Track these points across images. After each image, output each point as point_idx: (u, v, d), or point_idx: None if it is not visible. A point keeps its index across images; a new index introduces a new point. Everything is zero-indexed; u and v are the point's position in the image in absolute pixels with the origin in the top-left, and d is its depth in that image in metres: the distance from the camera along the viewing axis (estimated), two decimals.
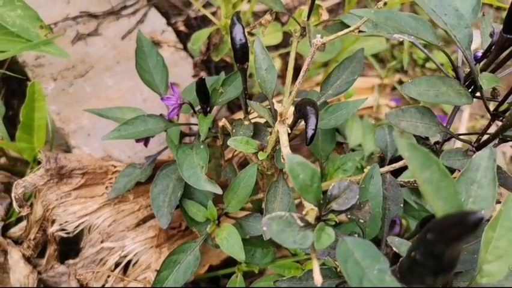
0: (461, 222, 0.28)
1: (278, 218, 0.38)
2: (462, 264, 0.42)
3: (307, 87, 1.23)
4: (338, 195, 0.43)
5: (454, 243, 0.29)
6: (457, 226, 0.28)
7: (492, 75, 0.49)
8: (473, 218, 0.27)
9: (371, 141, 0.85)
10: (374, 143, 0.85)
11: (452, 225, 0.28)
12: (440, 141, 0.52)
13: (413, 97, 0.43)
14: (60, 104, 1.00)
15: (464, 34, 0.46)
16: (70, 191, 0.73)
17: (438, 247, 0.30)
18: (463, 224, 0.28)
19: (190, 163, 0.65)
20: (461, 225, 0.28)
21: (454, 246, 0.30)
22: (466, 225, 0.28)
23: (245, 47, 0.63)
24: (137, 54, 0.79)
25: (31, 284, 0.80)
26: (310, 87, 1.19)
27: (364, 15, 0.47)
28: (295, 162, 0.39)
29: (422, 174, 0.36)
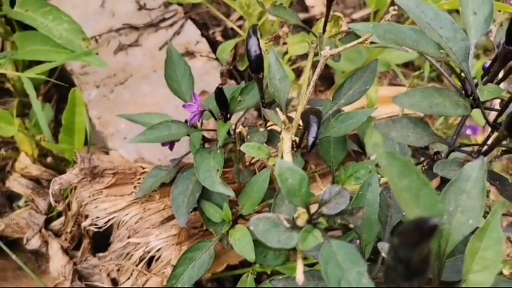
0: (418, 228, 0.29)
1: (265, 219, 0.41)
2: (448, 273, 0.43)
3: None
4: (329, 200, 0.45)
5: (414, 248, 0.31)
6: (414, 232, 0.30)
7: (495, 87, 0.49)
8: (428, 224, 0.29)
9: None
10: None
11: (410, 231, 0.30)
12: (441, 151, 0.53)
13: (406, 108, 0.44)
14: (101, 109, 1.09)
15: (460, 46, 0.46)
16: (102, 189, 0.80)
17: (402, 252, 0.32)
18: (419, 229, 0.29)
19: (207, 166, 0.69)
20: (417, 231, 0.29)
21: (417, 251, 0.31)
22: (422, 231, 0.29)
23: (259, 58, 0.66)
24: (166, 64, 0.85)
25: (67, 273, 0.88)
26: None
27: (363, 29, 0.49)
28: (284, 167, 0.42)
29: (400, 183, 0.37)
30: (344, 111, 0.70)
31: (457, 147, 0.52)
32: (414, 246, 0.30)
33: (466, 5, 0.58)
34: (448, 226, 0.42)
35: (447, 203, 0.42)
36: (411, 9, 0.45)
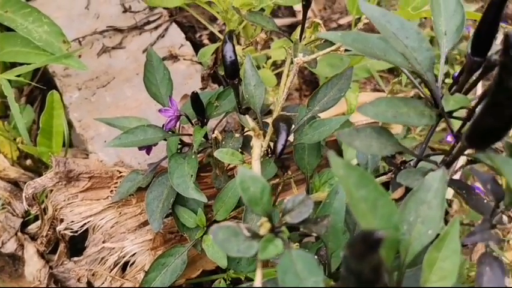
0: (365, 241, 0.29)
1: (225, 228, 0.41)
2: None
3: None
4: (292, 209, 0.45)
5: (363, 260, 0.31)
6: (361, 244, 0.30)
7: (462, 97, 0.50)
8: (374, 237, 0.29)
9: None
10: None
11: (358, 243, 0.30)
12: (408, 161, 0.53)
13: (370, 117, 0.44)
14: (82, 112, 1.08)
15: (426, 57, 0.46)
16: (77, 193, 0.80)
17: (352, 263, 0.32)
18: (366, 242, 0.29)
19: (181, 172, 0.69)
20: (364, 244, 0.29)
21: (366, 263, 0.31)
22: (368, 244, 0.29)
23: (234, 64, 0.66)
24: (146, 68, 0.85)
25: (42, 277, 0.87)
26: None
27: (331, 37, 0.49)
28: (246, 175, 0.42)
29: (357, 193, 0.37)
30: (319, 117, 0.71)
31: (423, 157, 0.52)
32: (362, 258, 0.30)
33: (438, 15, 0.58)
34: (408, 236, 0.42)
35: (408, 213, 0.43)
36: (377, 19, 0.45)
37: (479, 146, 0.41)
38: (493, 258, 0.43)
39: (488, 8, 0.45)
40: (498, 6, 0.44)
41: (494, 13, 0.45)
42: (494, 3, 0.44)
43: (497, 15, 0.45)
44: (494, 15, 0.45)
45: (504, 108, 0.37)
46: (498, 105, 0.37)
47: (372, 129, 0.45)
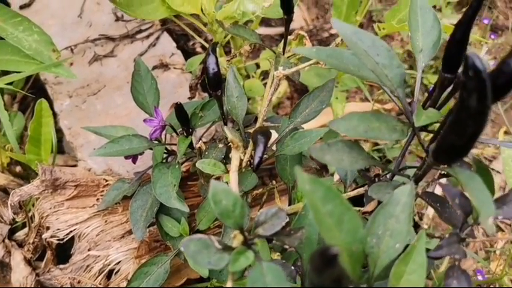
0: (321, 256, 0.30)
1: (197, 240, 0.42)
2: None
3: None
4: (265, 221, 0.46)
5: (322, 274, 0.32)
6: (319, 259, 0.31)
7: (434, 112, 0.51)
8: (329, 252, 0.30)
9: None
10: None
11: (316, 258, 0.31)
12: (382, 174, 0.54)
13: (341, 132, 0.45)
14: (72, 119, 1.09)
15: (396, 73, 0.48)
16: (63, 201, 0.80)
17: (313, 277, 0.33)
18: (322, 257, 0.30)
19: (164, 181, 0.70)
20: (321, 259, 0.30)
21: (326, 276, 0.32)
22: (324, 259, 0.30)
23: (217, 75, 0.67)
24: (133, 78, 0.86)
25: (29, 284, 0.88)
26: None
27: (306, 53, 0.50)
28: (219, 188, 0.43)
29: (323, 208, 0.38)
30: (303, 128, 0.72)
31: (398, 170, 0.53)
32: (321, 272, 0.31)
33: (415, 30, 0.60)
34: (376, 249, 0.43)
35: (376, 226, 0.43)
36: (348, 36, 0.47)
37: (445, 161, 0.42)
38: (460, 271, 0.44)
39: (456, 27, 0.46)
40: (466, 25, 0.46)
41: (462, 32, 0.46)
42: (462, 23, 0.46)
43: (466, 34, 0.46)
44: (463, 34, 0.46)
45: (466, 126, 0.38)
46: (460, 123, 0.38)
47: (343, 143, 0.46)
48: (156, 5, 0.67)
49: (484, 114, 0.37)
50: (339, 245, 0.39)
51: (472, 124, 0.37)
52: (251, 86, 1.03)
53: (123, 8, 0.65)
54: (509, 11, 1.76)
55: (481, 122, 0.37)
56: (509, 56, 0.37)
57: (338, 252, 0.29)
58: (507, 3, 1.78)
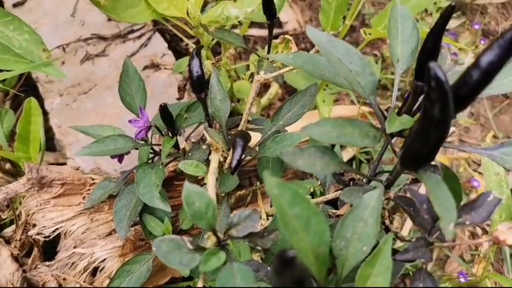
0: (280, 259, 0.31)
1: (169, 241, 0.43)
2: None
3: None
4: (238, 223, 0.47)
5: (283, 275, 0.33)
6: (278, 262, 0.32)
7: (407, 119, 0.52)
8: (287, 255, 0.31)
9: None
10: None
11: (276, 261, 0.32)
12: (357, 178, 0.55)
13: (314, 138, 0.47)
14: (62, 118, 1.10)
15: (368, 81, 0.49)
16: (49, 199, 0.81)
17: (276, 278, 0.34)
18: (280, 260, 0.31)
19: (148, 181, 0.71)
20: (280, 261, 0.32)
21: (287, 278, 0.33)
22: (283, 262, 0.31)
23: (201, 78, 0.68)
24: (121, 78, 0.86)
25: (15, 280, 0.89)
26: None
27: (282, 59, 0.52)
28: (192, 191, 0.44)
29: (291, 211, 0.39)
30: (286, 131, 0.73)
31: (373, 175, 0.54)
32: (280, 274, 0.33)
33: (394, 37, 0.61)
34: (345, 252, 0.44)
35: (345, 229, 0.45)
36: (323, 44, 0.48)
37: (411, 168, 0.43)
38: (426, 274, 0.46)
39: (428, 37, 0.47)
40: (437, 35, 0.47)
41: (433, 41, 0.47)
42: (433, 33, 0.47)
43: (437, 43, 0.47)
44: (434, 44, 0.47)
45: (429, 134, 0.39)
46: (424, 131, 0.39)
47: (316, 148, 0.47)
48: (141, 8, 0.68)
49: (446, 123, 0.38)
50: (305, 247, 0.40)
51: (435, 132, 0.39)
52: (240, 87, 1.04)
53: (108, 11, 0.66)
54: (500, 16, 1.78)
55: (444, 131, 0.39)
56: (473, 67, 0.38)
57: (294, 255, 0.31)
58: (499, 8, 1.80)
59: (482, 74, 0.38)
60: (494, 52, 0.37)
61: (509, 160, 0.50)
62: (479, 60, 0.38)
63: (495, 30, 1.72)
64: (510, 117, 1.58)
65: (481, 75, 0.38)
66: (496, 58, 0.37)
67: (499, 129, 1.55)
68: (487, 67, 0.38)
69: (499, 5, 1.79)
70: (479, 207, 0.49)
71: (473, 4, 1.72)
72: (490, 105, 1.60)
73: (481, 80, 0.38)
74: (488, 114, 1.57)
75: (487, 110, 1.57)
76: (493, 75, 0.38)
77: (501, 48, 0.37)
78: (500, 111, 1.59)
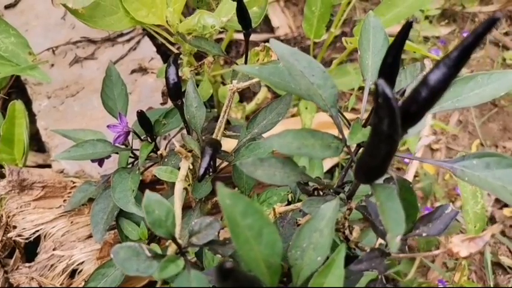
0: (218, 270, 0.32)
1: (127, 247, 0.44)
2: None
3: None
4: (199, 231, 0.48)
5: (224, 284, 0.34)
6: (216, 272, 0.33)
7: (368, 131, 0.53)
8: (224, 267, 0.32)
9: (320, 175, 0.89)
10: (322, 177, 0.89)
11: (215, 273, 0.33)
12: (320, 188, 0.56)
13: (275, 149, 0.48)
14: (49, 120, 1.11)
15: (330, 93, 0.50)
16: (30, 202, 0.83)
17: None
18: (219, 271, 0.32)
19: (124, 186, 0.72)
20: (218, 272, 0.33)
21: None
22: (221, 273, 0.32)
23: (177, 85, 0.70)
24: (104, 83, 0.88)
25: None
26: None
27: (248, 71, 0.53)
28: (152, 199, 0.45)
29: (243, 221, 0.40)
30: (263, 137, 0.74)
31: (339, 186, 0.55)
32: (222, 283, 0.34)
33: (366, 49, 0.62)
34: (300, 261, 0.45)
35: (302, 239, 0.46)
36: (286, 57, 0.49)
37: (364, 181, 0.44)
38: (381, 284, 0.47)
39: (388, 52, 0.48)
40: (396, 50, 0.48)
41: (393, 56, 0.48)
42: (392, 48, 0.48)
43: (397, 57, 0.48)
44: (394, 58, 0.48)
45: (379, 149, 0.40)
46: (374, 146, 0.40)
47: (276, 159, 0.48)
48: (120, 15, 0.69)
49: (394, 139, 0.39)
50: (257, 257, 0.41)
51: (384, 147, 0.40)
52: (225, 93, 1.05)
53: (85, 19, 0.67)
54: None
55: (392, 145, 0.39)
56: (421, 85, 0.39)
57: (232, 267, 0.32)
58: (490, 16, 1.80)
59: (430, 92, 0.39)
60: (441, 71, 0.38)
61: (468, 173, 0.51)
62: (427, 78, 0.39)
63: (485, 38, 1.72)
64: (498, 125, 1.59)
65: (429, 93, 0.39)
66: (443, 77, 0.38)
67: (487, 137, 1.56)
68: (434, 85, 0.39)
69: (490, 13, 1.80)
70: (436, 220, 0.50)
71: (464, 12, 1.73)
72: (479, 113, 1.61)
73: (428, 97, 0.39)
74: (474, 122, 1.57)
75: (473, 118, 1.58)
76: (440, 93, 0.39)
77: (447, 67, 0.38)
78: (488, 119, 1.60)
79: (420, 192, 1.37)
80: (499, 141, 1.56)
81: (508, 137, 1.57)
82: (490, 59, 1.69)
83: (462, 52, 0.37)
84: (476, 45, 0.37)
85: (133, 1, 0.69)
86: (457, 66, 0.37)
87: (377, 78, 0.51)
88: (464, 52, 0.37)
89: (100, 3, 0.67)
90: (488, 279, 1.16)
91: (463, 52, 0.37)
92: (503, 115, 1.60)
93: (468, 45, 0.36)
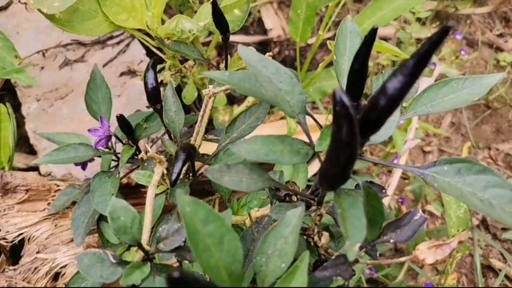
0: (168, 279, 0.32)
1: (91, 254, 0.44)
2: None
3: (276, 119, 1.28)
4: (166, 237, 0.48)
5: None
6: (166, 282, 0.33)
7: None
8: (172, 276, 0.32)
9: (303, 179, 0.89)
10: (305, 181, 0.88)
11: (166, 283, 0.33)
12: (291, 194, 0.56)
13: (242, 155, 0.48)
14: (38, 123, 1.12)
15: (297, 100, 0.50)
16: (14, 205, 0.83)
17: None
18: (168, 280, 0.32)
19: (104, 190, 0.72)
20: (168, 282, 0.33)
21: None
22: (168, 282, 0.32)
23: (156, 90, 0.70)
24: (88, 86, 0.88)
25: None
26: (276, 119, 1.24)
27: (217, 77, 0.53)
28: (117, 205, 0.45)
29: (204, 229, 0.41)
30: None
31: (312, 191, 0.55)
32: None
33: (342, 54, 0.62)
34: (265, 268, 0.45)
35: (267, 246, 0.46)
36: (253, 63, 0.49)
37: (327, 188, 0.44)
38: None
39: (355, 59, 0.48)
40: (363, 57, 0.48)
41: (360, 63, 0.48)
42: (359, 55, 0.48)
43: (364, 64, 0.48)
44: (361, 65, 0.48)
45: (339, 156, 0.40)
46: (334, 153, 0.40)
47: (244, 165, 0.48)
48: (99, 20, 0.70)
49: (352, 146, 0.39)
50: (218, 264, 0.41)
51: (343, 155, 0.40)
52: None
53: (62, 24, 0.67)
54: (486, 26, 1.78)
55: (351, 153, 0.39)
56: (380, 94, 0.39)
57: (179, 276, 0.32)
58: (485, 17, 1.80)
59: (388, 100, 0.39)
60: (398, 79, 0.38)
61: (439, 179, 0.51)
62: (385, 86, 0.39)
63: (480, 40, 1.72)
64: (491, 127, 1.58)
65: (387, 101, 0.39)
66: (400, 85, 0.38)
67: (480, 139, 1.55)
68: (392, 93, 0.39)
69: (485, 15, 1.80)
70: (404, 226, 0.50)
71: (457, 13, 1.73)
72: (472, 114, 1.61)
73: (387, 105, 0.39)
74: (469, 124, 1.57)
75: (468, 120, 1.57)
76: (398, 101, 0.39)
77: (404, 76, 0.38)
78: (481, 121, 1.59)
79: (411, 194, 1.37)
80: (492, 143, 1.55)
81: (501, 139, 1.57)
82: (483, 60, 1.69)
83: (418, 60, 0.37)
84: (432, 54, 0.37)
85: (113, 5, 0.70)
86: (414, 74, 0.37)
87: (346, 84, 0.51)
88: (420, 60, 0.37)
89: (78, 8, 0.67)
90: (478, 282, 1.16)
91: (418, 60, 0.37)
92: (497, 117, 1.60)
93: (424, 53, 0.36)
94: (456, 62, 1.50)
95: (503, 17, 1.82)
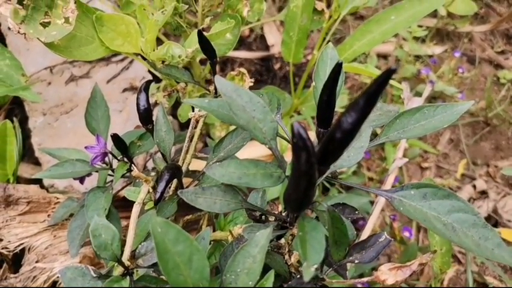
0: None
1: (74, 268, 0.48)
2: None
3: None
4: (145, 254, 0.52)
5: None
6: None
7: None
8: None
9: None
10: None
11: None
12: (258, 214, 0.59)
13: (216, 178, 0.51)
14: (43, 137, 1.17)
15: (270, 127, 0.53)
16: (15, 216, 0.88)
17: None
18: None
19: (97, 205, 0.76)
20: None
21: None
22: None
23: (147, 111, 0.74)
24: (89, 104, 0.93)
25: None
26: None
27: (197, 104, 0.57)
28: (99, 223, 0.49)
29: (174, 248, 0.44)
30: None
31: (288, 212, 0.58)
32: None
33: (321, 80, 0.65)
34: (233, 285, 0.48)
35: (236, 264, 0.49)
36: (229, 92, 0.52)
37: (291, 211, 0.47)
38: None
39: (323, 90, 0.52)
40: (330, 89, 0.51)
41: (328, 94, 0.51)
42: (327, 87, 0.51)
43: (331, 94, 0.52)
44: (329, 95, 0.52)
45: (299, 183, 0.43)
46: (295, 180, 0.43)
47: (218, 188, 0.52)
48: (95, 45, 0.74)
49: (310, 175, 0.42)
50: (187, 282, 0.44)
51: (303, 182, 0.43)
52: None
53: (60, 51, 0.72)
54: (488, 43, 1.79)
55: (310, 181, 0.43)
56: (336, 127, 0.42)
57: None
58: (487, 35, 1.81)
59: (343, 133, 0.42)
60: (351, 116, 0.41)
61: (405, 203, 0.53)
62: (341, 121, 0.42)
63: (480, 57, 1.73)
64: (490, 144, 1.59)
65: (343, 135, 0.42)
66: (353, 120, 0.41)
67: (479, 156, 1.56)
68: (346, 128, 0.42)
69: (487, 32, 1.81)
70: (370, 247, 0.52)
71: (458, 31, 1.74)
72: (471, 131, 1.62)
73: (342, 138, 0.42)
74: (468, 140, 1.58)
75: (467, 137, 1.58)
76: (353, 134, 0.42)
77: (356, 112, 0.41)
78: (480, 138, 1.60)
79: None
80: (491, 160, 1.56)
81: (500, 156, 1.57)
82: (483, 77, 1.70)
83: (367, 99, 0.40)
84: (379, 93, 0.40)
85: (109, 31, 0.74)
86: (364, 111, 0.40)
87: (317, 112, 0.55)
88: (368, 100, 0.40)
89: (75, 34, 0.72)
90: None
91: (367, 99, 0.40)
92: (496, 134, 1.60)
93: (372, 93, 0.39)
94: (455, 79, 1.52)
95: (505, 34, 1.83)
